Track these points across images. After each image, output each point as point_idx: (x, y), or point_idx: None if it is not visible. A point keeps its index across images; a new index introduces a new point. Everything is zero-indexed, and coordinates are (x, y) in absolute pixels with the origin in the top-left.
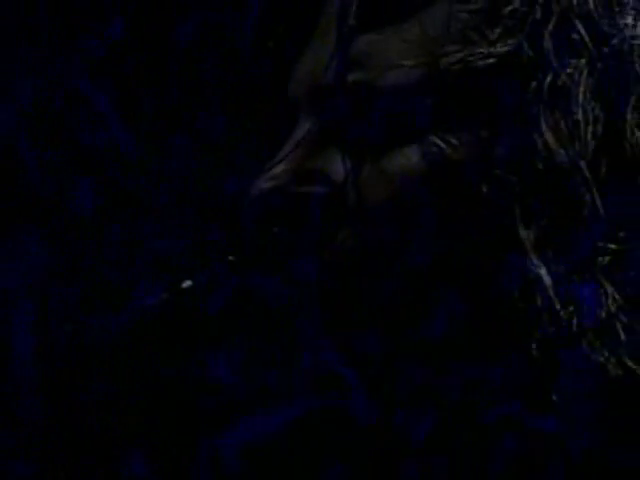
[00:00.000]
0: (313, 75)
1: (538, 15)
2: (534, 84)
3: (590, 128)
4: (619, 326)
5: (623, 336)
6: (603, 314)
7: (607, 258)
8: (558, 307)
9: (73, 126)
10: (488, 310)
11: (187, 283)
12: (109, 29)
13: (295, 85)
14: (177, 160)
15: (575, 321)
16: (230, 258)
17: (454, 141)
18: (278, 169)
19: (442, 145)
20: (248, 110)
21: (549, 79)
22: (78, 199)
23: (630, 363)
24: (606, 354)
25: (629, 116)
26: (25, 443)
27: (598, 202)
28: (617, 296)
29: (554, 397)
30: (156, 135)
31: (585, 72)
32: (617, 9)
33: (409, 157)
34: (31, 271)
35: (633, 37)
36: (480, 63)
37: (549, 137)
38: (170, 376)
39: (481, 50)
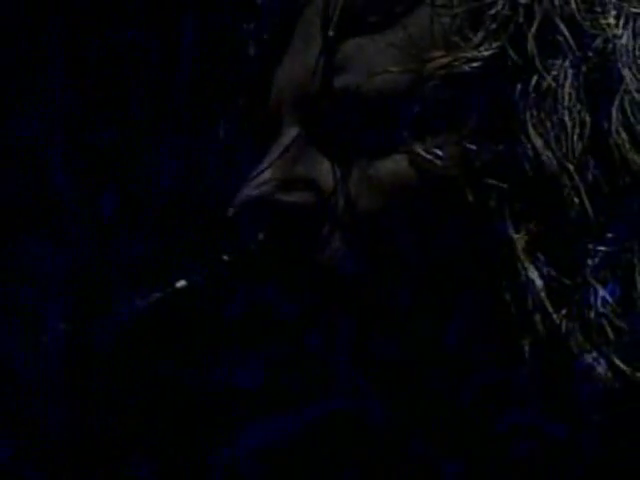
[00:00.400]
0: (297, 80)
1: (521, 18)
2: (519, 87)
3: (577, 130)
4: (608, 327)
5: (612, 337)
6: (592, 315)
7: (597, 260)
8: (552, 311)
9: (92, 129)
10: (497, 315)
11: (181, 283)
12: (113, 30)
13: (278, 91)
14: (178, 161)
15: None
16: (225, 258)
17: (438, 151)
18: (264, 176)
19: (426, 155)
20: (248, 111)
21: (534, 81)
22: (102, 204)
23: (621, 365)
24: (595, 355)
25: (614, 116)
26: (28, 446)
27: (587, 204)
28: (608, 297)
29: (566, 403)
30: (157, 135)
31: (570, 73)
32: (599, 10)
33: (398, 163)
34: (40, 273)
35: (615, 37)
36: (465, 67)
37: (536, 140)
38: (176, 379)
39: (465, 54)
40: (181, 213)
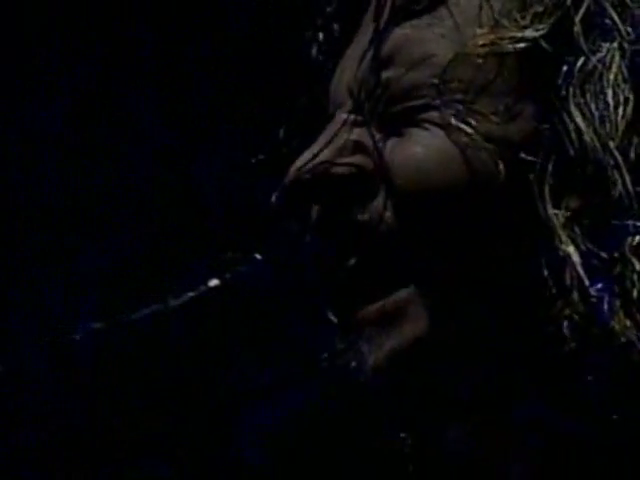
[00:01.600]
0: (350, 70)
1: (569, 1)
2: (565, 68)
3: (620, 110)
4: None
5: None
6: (635, 294)
7: (637, 237)
8: (589, 285)
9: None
10: (518, 307)
11: (214, 282)
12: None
13: (336, 85)
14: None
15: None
16: (257, 256)
17: (475, 123)
18: (315, 148)
19: (467, 129)
20: (310, 111)
21: (580, 63)
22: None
23: None
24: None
25: None
26: (48, 443)
27: (628, 182)
28: None
29: (580, 397)
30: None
31: (617, 55)
32: None
33: (435, 135)
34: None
35: None
36: (510, 47)
37: (579, 119)
38: (193, 375)
39: (512, 34)
40: (217, 212)
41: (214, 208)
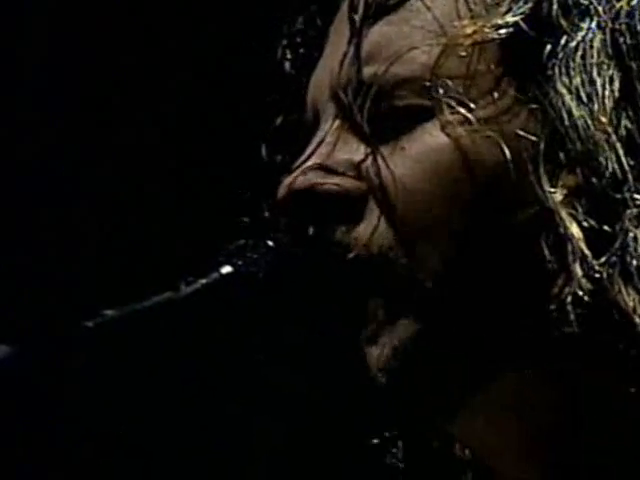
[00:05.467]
0: (330, 73)
1: None
2: (548, 48)
3: (607, 87)
4: None
5: None
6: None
7: (635, 210)
8: (591, 259)
9: None
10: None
11: (226, 269)
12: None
13: (314, 88)
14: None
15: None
16: (270, 244)
17: (468, 114)
18: (307, 165)
19: (457, 121)
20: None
21: (562, 42)
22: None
23: None
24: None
25: None
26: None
27: (622, 156)
28: None
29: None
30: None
31: (598, 34)
32: None
33: (429, 131)
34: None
35: None
36: (493, 35)
37: (567, 97)
38: (205, 363)
39: (494, 22)
40: (228, 201)
41: (224, 194)
